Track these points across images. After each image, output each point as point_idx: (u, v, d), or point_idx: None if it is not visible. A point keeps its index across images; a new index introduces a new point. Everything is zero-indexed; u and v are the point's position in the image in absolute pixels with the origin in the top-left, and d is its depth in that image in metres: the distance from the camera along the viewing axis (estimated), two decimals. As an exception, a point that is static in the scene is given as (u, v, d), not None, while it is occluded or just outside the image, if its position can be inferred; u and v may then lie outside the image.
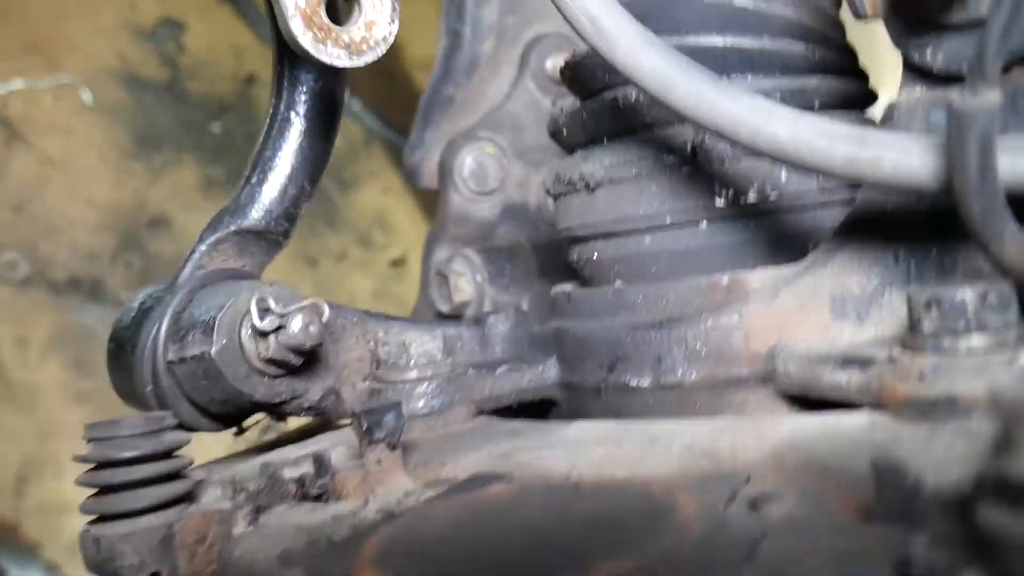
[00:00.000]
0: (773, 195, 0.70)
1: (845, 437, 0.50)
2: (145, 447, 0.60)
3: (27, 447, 1.68)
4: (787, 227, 0.71)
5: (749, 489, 0.48)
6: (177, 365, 0.70)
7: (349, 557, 0.53)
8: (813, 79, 0.74)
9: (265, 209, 0.76)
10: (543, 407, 0.80)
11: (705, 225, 0.72)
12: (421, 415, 0.74)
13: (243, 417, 0.76)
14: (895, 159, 0.53)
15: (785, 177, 0.69)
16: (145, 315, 0.74)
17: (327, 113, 0.77)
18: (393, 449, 0.60)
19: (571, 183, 0.77)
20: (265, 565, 0.56)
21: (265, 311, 0.66)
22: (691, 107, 0.59)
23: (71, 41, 1.86)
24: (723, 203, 0.71)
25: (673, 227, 0.72)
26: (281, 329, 0.66)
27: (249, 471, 0.67)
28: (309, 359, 0.70)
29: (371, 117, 2.10)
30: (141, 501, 0.59)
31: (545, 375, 0.78)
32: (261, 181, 0.76)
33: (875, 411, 0.53)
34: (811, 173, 0.67)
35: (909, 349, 0.53)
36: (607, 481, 0.54)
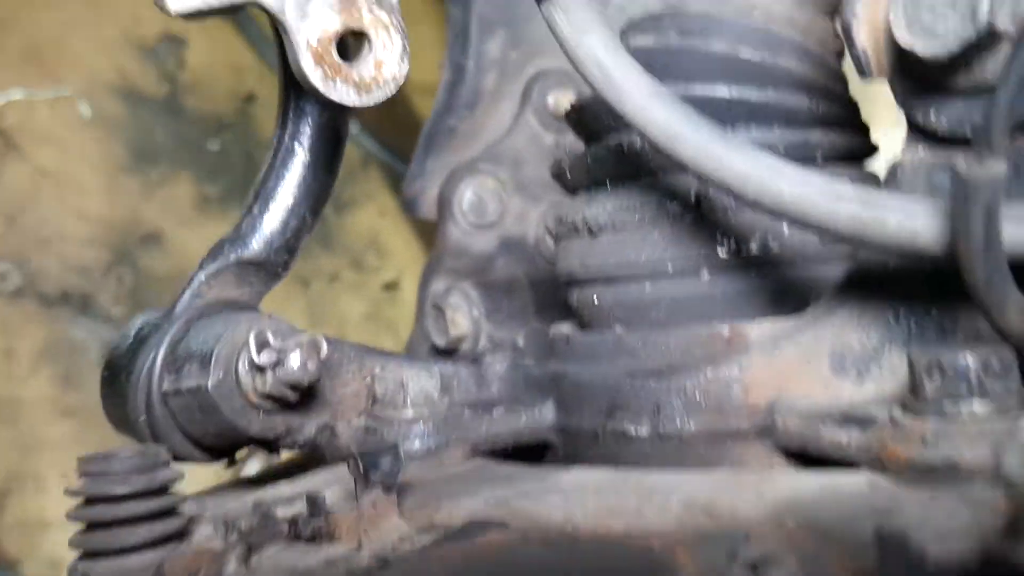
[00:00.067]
0: (775, 247, 0.70)
1: (846, 500, 0.50)
2: (138, 483, 0.59)
3: (8, 462, 1.65)
4: (788, 279, 0.71)
5: (750, 550, 0.48)
6: (172, 396, 0.69)
7: (343, 604, 0.52)
8: (816, 132, 0.74)
9: (266, 240, 0.76)
10: (538, 449, 0.80)
11: (706, 274, 0.72)
12: (416, 455, 0.73)
13: (235, 449, 0.75)
14: (899, 222, 0.54)
15: (788, 230, 0.70)
16: (141, 343, 0.73)
17: (331, 146, 0.77)
18: (389, 492, 0.60)
19: (573, 226, 0.77)
20: (257, 608, 0.56)
21: (263, 345, 0.65)
22: (698, 161, 0.59)
23: (73, 53, 1.85)
24: (725, 253, 0.71)
25: (674, 275, 0.72)
26: (279, 365, 0.65)
27: (241, 508, 0.66)
28: (305, 394, 0.70)
29: (368, 139, 2.11)
30: (132, 538, 0.58)
31: (542, 418, 0.77)
32: (263, 211, 0.76)
33: (875, 472, 0.53)
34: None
35: (910, 412, 0.53)
36: (605, 533, 0.54)
